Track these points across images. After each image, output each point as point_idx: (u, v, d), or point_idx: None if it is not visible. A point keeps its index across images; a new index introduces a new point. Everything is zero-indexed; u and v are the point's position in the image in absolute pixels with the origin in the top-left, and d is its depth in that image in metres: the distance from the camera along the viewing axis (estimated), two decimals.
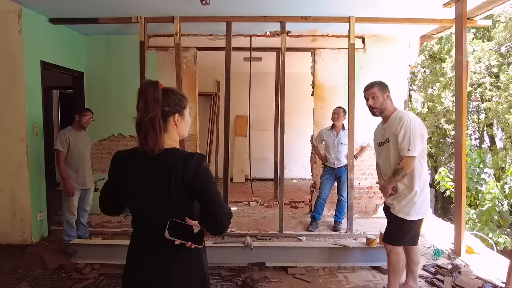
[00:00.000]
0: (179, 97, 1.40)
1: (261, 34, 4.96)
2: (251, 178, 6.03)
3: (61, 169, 3.63)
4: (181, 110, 1.39)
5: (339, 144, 4.42)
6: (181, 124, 1.40)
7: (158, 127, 1.27)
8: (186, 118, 1.43)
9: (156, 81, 1.33)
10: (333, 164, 4.47)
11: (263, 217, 5.14)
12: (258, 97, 7.14)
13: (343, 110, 4.42)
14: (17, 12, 3.78)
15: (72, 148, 3.68)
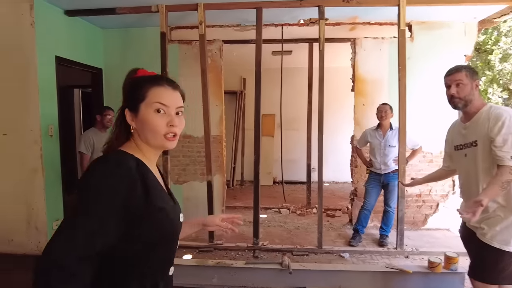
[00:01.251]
0: (135, 85, 1.00)
1: (294, 23, 4.44)
2: (282, 182, 5.52)
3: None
4: (134, 103, 0.98)
5: (386, 147, 3.84)
6: (137, 124, 0.98)
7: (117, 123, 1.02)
8: (142, 115, 0.97)
9: (135, 68, 1.04)
10: (379, 170, 3.89)
11: (297, 228, 4.63)
12: (287, 95, 6.60)
13: (390, 107, 3.85)
14: (28, 3, 3.44)
15: (96, 150, 3.52)
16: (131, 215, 0.87)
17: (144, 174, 0.94)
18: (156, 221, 0.93)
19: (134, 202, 0.87)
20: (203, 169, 4.69)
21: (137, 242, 0.91)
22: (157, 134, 0.97)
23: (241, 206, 5.59)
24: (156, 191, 0.96)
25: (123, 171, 0.88)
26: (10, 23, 3.48)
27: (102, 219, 0.82)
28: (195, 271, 2.93)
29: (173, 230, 1.01)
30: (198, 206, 4.73)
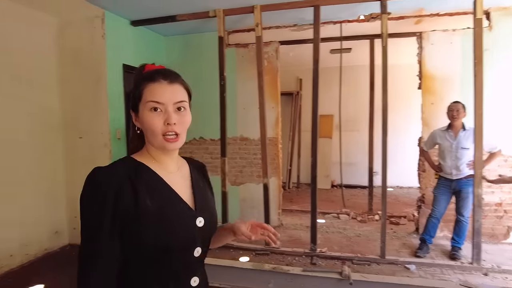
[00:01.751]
0: (136, 83, 0.94)
1: (354, 19, 4.23)
2: (342, 186, 5.29)
3: None
4: (133, 103, 0.94)
5: (459, 149, 3.47)
6: (142, 127, 0.93)
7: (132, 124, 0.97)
8: (142, 118, 0.91)
9: (143, 64, 0.98)
10: (450, 175, 3.53)
11: (357, 235, 4.39)
12: (346, 94, 6.34)
13: (462, 106, 3.48)
14: (100, 17, 3.74)
15: None
16: (123, 220, 0.83)
17: (136, 178, 0.87)
18: (150, 225, 0.85)
19: (123, 210, 0.83)
20: (259, 171, 4.69)
21: (135, 244, 0.85)
22: (155, 135, 0.90)
23: (298, 210, 5.48)
24: (155, 195, 0.88)
25: (105, 182, 0.84)
26: (85, 36, 3.81)
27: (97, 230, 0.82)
28: (251, 275, 2.92)
29: (178, 234, 0.88)
30: (254, 208, 4.74)
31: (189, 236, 0.91)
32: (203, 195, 1.01)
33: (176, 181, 0.95)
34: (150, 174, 0.91)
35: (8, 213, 3.46)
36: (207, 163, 5.01)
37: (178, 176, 0.97)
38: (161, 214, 0.87)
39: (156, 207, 0.86)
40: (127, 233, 0.84)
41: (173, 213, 0.90)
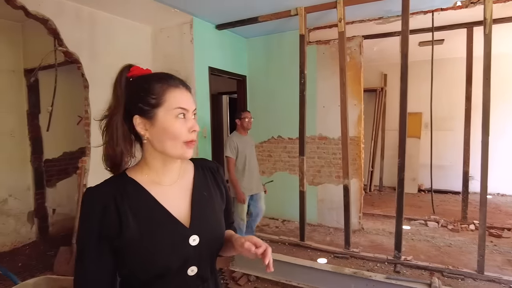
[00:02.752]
0: (146, 88, 0.87)
1: (449, 6, 3.82)
2: (431, 190, 4.85)
3: (232, 176, 3.54)
4: (147, 108, 0.86)
5: None
6: (152, 131, 0.87)
7: (116, 134, 0.86)
8: (161, 122, 0.86)
9: (128, 65, 0.92)
10: None
11: (448, 245, 3.97)
12: (436, 90, 5.79)
13: None
14: (189, 23, 4.02)
15: (240, 153, 3.60)
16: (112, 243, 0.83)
17: (122, 199, 0.85)
18: (134, 249, 0.83)
19: (108, 231, 0.83)
20: (338, 172, 4.55)
21: (125, 267, 0.85)
22: (177, 142, 0.87)
23: (380, 214, 5.18)
24: (140, 215, 0.85)
25: (91, 203, 0.84)
26: (176, 41, 4.14)
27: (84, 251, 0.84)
28: (330, 277, 2.84)
29: (166, 257, 0.84)
30: (332, 210, 4.63)
31: (180, 257, 0.86)
32: (202, 208, 0.94)
33: (172, 195, 0.92)
34: (140, 193, 0.88)
35: None
36: (285, 162, 5.06)
37: (176, 188, 0.93)
38: (148, 239, 0.84)
39: (141, 232, 0.84)
40: (117, 254, 0.84)
41: (161, 235, 0.86)
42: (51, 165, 4.57)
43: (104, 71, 3.79)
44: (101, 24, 3.75)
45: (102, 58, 3.76)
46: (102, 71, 3.75)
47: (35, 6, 3.14)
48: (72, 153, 4.82)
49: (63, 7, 3.40)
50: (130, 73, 0.91)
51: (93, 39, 3.67)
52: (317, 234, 4.44)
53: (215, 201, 1.00)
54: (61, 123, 4.41)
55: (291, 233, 4.43)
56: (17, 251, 4.09)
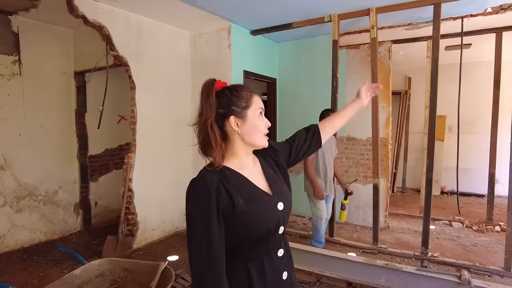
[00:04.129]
0: (237, 95, 1.12)
1: (478, 13, 3.94)
2: (457, 191, 4.94)
3: (311, 174, 3.59)
4: (239, 110, 1.11)
5: None
6: (243, 128, 1.11)
7: (212, 133, 1.07)
8: (251, 120, 1.12)
9: (213, 79, 1.13)
10: None
11: (474, 244, 4.09)
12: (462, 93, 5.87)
13: None
14: (227, 29, 4.29)
15: (318, 153, 3.54)
16: (224, 218, 1.03)
17: (227, 182, 1.05)
18: (245, 220, 1.05)
19: (223, 210, 1.03)
20: (365, 172, 4.72)
21: (234, 236, 1.05)
22: (261, 134, 1.14)
23: (404, 214, 5.31)
24: (244, 194, 1.07)
25: (205, 189, 1.02)
26: (214, 45, 4.42)
27: (206, 231, 1.02)
28: (362, 269, 3.03)
29: (267, 222, 1.08)
30: (359, 208, 4.79)
31: (274, 220, 1.11)
32: (276, 182, 1.20)
33: (254, 175, 1.15)
34: (236, 175, 1.10)
35: (152, 193, 4.24)
36: None
37: (254, 170, 1.17)
38: (251, 207, 1.06)
39: (247, 205, 1.05)
40: (227, 227, 1.04)
41: (260, 205, 1.09)
42: (94, 161, 4.91)
43: (149, 73, 4.10)
44: (146, 30, 4.07)
45: (147, 61, 4.07)
46: (147, 73, 4.07)
47: (93, 15, 3.47)
48: (112, 150, 5.16)
49: (116, 15, 3.72)
50: (217, 85, 1.14)
51: (139, 44, 3.98)
52: (344, 231, 4.62)
53: (279, 175, 1.26)
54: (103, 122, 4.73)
55: None
56: (65, 239, 4.44)
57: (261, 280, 1.11)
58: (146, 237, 4.22)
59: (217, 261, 1.02)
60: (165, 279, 2.34)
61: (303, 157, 1.40)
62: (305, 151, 1.39)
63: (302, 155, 1.39)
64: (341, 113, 1.49)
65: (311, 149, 1.41)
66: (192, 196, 1.05)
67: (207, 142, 1.09)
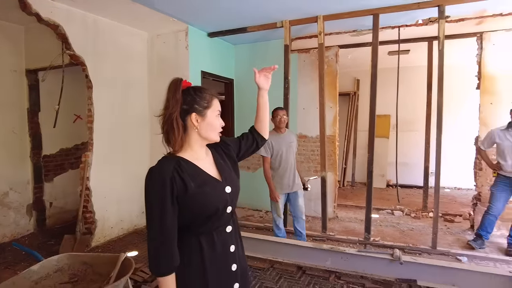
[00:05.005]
0: (200, 95, 1.30)
1: (412, 23, 4.44)
2: (397, 183, 5.47)
3: (266, 175, 3.60)
4: (201, 109, 1.30)
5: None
6: (202, 125, 1.30)
7: (176, 125, 1.24)
8: (209, 119, 1.31)
9: (180, 78, 1.29)
10: (510, 173, 3.63)
11: (410, 229, 4.60)
12: (403, 95, 6.45)
13: None
14: (184, 31, 4.44)
15: (275, 151, 3.57)
16: (178, 200, 1.21)
17: (182, 171, 1.22)
18: (196, 200, 1.23)
19: (177, 193, 1.20)
20: (316, 167, 5.09)
21: (188, 214, 1.24)
22: (216, 132, 1.34)
23: (352, 205, 5.77)
24: (195, 179, 1.25)
25: (160, 177, 1.20)
26: (172, 47, 4.54)
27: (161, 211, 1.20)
28: (311, 253, 3.34)
29: (216, 202, 1.27)
30: (310, 201, 5.15)
31: (222, 201, 1.30)
32: (225, 170, 1.38)
33: (206, 164, 1.33)
34: (189, 164, 1.27)
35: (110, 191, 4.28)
36: None
37: (206, 160, 1.35)
38: (202, 191, 1.25)
39: (197, 186, 1.23)
40: (181, 207, 1.22)
41: (210, 188, 1.28)
42: (49, 161, 4.81)
43: (106, 72, 4.14)
44: (103, 30, 4.10)
45: (104, 60, 4.11)
46: (104, 72, 4.11)
47: (47, 13, 3.46)
48: (68, 149, 5.09)
49: (72, 14, 3.73)
50: (184, 84, 1.30)
51: (96, 43, 4.01)
52: None
53: (229, 164, 1.45)
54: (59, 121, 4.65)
55: None
56: (17, 241, 4.31)
57: (211, 251, 1.31)
58: (105, 235, 4.25)
59: (170, 236, 1.21)
60: (125, 268, 2.46)
61: (253, 150, 1.63)
62: (250, 145, 1.61)
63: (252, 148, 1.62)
64: (258, 106, 1.67)
65: (257, 143, 1.63)
66: (150, 182, 1.22)
67: (171, 132, 1.26)
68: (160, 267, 1.20)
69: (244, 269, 1.46)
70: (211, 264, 1.30)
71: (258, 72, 1.61)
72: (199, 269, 1.29)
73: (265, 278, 3.22)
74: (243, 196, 5.57)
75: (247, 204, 5.64)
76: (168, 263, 1.20)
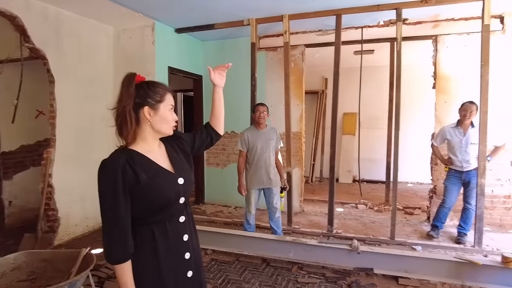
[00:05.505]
0: (154, 90, 1.34)
1: (374, 24, 4.63)
2: (359, 179, 5.70)
3: (238, 168, 3.74)
4: (154, 103, 1.33)
5: (468, 144, 3.81)
6: (154, 118, 1.33)
7: (129, 118, 1.28)
8: (162, 113, 1.34)
9: (134, 73, 1.32)
10: (460, 168, 3.88)
11: (372, 222, 4.81)
12: (369, 93, 6.74)
13: (476, 107, 3.75)
14: (151, 26, 4.41)
15: (251, 146, 3.65)
16: (130, 191, 1.24)
17: (133, 162, 1.26)
18: (149, 192, 1.26)
19: (129, 184, 1.23)
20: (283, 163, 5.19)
21: (141, 205, 1.27)
22: (169, 125, 1.37)
23: (319, 200, 5.95)
24: (147, 171, 1.28)
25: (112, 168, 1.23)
26: (138, 43, 4.50)
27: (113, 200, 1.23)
28: (275, 245, 3.45)
29: (168, 193, 1.31)
30: None
31: (175, 191, 1.33)
32: (178, 162, 1.42)
33: (158, 157, 1.36)
34: (142, 157, 1.30)
35: (74, 188, 4.20)
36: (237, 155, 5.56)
37: (159, 153, 1.38)
38: (155, 183, 1.28)
39: (150, 180, 1.26)
40: (134, 197, 1.25)
41: (162, 180, 1.31)
42: (8, 158, 4.65)
43: (69, 67, 4.05)
44: (66, 23, 4.00)
45: (67, 54, 4.02)
46: (67, 67, 4.01)
47: (4, 4, 3.34)
48: (29, 146, 4.92)
49: (31, 5, 3.61)
50: (137, 78, 1.33)
51: (59, 37, 3.91)
52: (265, 217, 4.99)
53: (182, 157, 1.48)
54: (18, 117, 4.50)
55: (242, 217, 4.97)
56: None
57: (164, 240, 1.35)
58: (69, 232, 4.17)
59: (123, 225, 1.24)
60: (87, 264, 2.45)
61: (207, 145, 1.69)
62: (204, 139, 1.67)
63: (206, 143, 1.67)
64: (213, 103, 1.73)
65: (211, 137, 1.69)
66: (102, 173, 1.26)
67: (124, 125, 1.29)
68: (115, 254, 1.24)
69: (198, 257, 1.51)
70: (165, 252, 1.34)
71: (213, 70, 1.66)
72: (152, 258, 1.32)
73: (230, 271, 3.29)
74: (212, 192, 5.68)
75: (216, 200, 5.68)
76: (122, 250, 1.24)
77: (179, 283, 1.39)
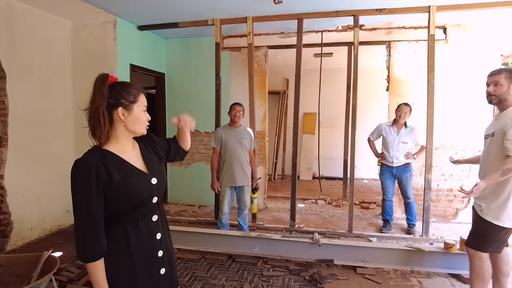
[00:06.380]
0: (127, 90, 1.36)
1: (333, 29, 4.87)
2: (319, 176, 5.96)
3: (211, 165, 3.83)
4: (127, 104, 1.35)
5: (400, 143, 4.18)
6: (128, 118, 1.35)
7: (103, 119, 1.29)
8: (136, 113, 1.37)
9: (107, 74, 1.33)
10: (391, 163, 4.24)
11: (331, 216, 5.07)
12: (328, 94, 7.05)
13: (410, 109, 4.16)
14: (112, 23, 4.30)
15: (223, 144, 3.73)
16: (104, 190, 1.25)
17: (107, 162, 1.27)
18: (122, 191, 1.28)
19: (102, 184, 1.24)
20: None
21: (114, 204, 1.29)
22: (143, 125, 1.39)
23: (281, 196, 6.13)
24: (121, 171, 1.30)
25: (85, 167, 1.24)
26: (99, 39, 4.36)
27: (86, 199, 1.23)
28: (240, 241, 3.54)
29: (141, 193, 1.33)
30: None
31: (147, 191, 1.36)
32: (151, 162, 1.45)
33: (132, 157, 1.38)
34: (115, 157, 1.31)
35: (29, 190, 3.99)
36: (202, 153, 5.62)
37: (133, 153, 1.40)
38: (128, 183, 1.30)
39: (123, 180, 1.28)
40: (107, 197, 1.26)
41: (135, 180, 1.33)
42: None
43: (23, 61, 3.84)
44: (18, 15, 3.79)
45: (20, 48, 3.81)
46: (20, 61, 3.81)
47: None
48: None
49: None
50: (110, 79, 1.33)
51: (10, 30, 3.70)
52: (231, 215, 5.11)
53: (155, 157, 1.52)
54: None
55: (207, 215, 5.03)
56: None
57: (137, 238, 1.38)
58: (23, 237, 3.96)
59: (96, 223, 1.26)
60: (49, 267, 2.38)
61: (177, 160, 1.76)
62: (175, 154, 1.72)
63: (176, 158, 1.74)
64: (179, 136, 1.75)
65: (180, 155, 1.75)
66: (75, 173, 1.26)
67: (97, 125, 1.29)
68: (88, 253, 1.25)
69: (170, 255, 1.55)
70: (138, 250, 1.37)
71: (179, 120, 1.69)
72: (125, 256, 1.35)
73: (197, 268, 3.34)
74: (176, 191, 5.65)
75: (180, 199, 5.66)
76: (95, 249, 1.25)
77: (153, 280, 1.42)
